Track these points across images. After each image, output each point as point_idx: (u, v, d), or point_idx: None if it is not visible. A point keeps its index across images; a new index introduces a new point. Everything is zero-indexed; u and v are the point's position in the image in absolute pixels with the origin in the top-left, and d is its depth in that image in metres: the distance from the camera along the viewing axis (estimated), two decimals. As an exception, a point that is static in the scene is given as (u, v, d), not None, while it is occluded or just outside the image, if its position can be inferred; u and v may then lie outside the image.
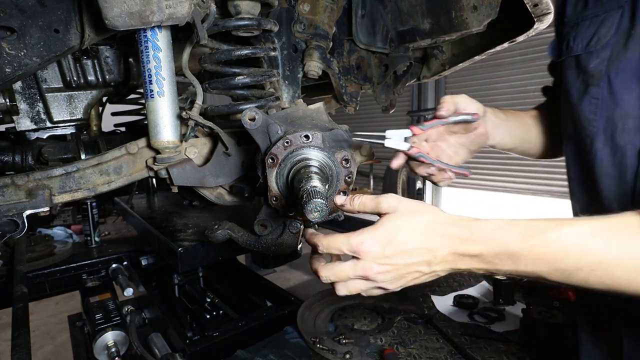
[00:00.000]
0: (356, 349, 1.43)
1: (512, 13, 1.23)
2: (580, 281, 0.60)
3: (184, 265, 1.48)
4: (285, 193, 0.88)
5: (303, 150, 0.86)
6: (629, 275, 0.57)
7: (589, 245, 0.59)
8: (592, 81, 0.86)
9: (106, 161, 1.10)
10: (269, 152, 0.86)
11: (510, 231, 0.63)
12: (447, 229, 0.67)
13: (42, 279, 1.99)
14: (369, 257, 0.68)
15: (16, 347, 1.18)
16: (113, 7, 0.82)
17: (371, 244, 0.68)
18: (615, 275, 0.58)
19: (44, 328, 3.81)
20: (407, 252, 0.67)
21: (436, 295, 1.86)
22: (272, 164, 0.86)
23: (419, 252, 0.67)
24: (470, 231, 0.66)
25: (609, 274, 0.58)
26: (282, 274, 4.95)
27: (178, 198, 2.22)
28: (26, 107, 1.46)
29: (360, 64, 1.51)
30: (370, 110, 8.14)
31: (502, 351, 1.42)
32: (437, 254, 0.67)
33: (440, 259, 0.67)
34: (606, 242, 0.58)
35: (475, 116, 1.00)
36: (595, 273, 0.58)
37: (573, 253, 0.59)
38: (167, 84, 1.00)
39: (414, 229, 0.68)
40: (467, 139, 1.08)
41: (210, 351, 1.47)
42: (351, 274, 0.70)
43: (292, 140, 0.85)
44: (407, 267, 0.68)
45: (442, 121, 0.98)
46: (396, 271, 0.68)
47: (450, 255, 0.67)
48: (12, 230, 1.01)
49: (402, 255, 0.67)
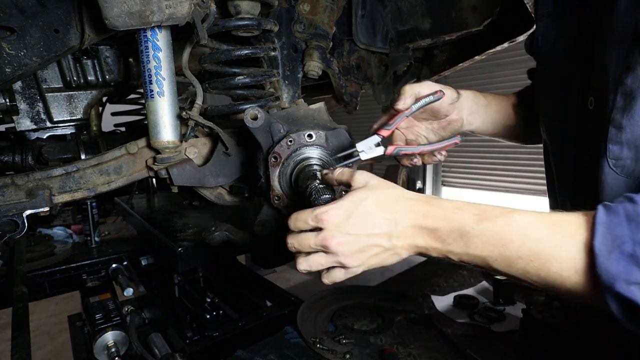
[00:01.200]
0: (356, 349, 1.43)
1: (512, 13, 1.24)
2: (519, 271, 0.60)
3: (184, 265, 1.48)
4: (288, 192, 0.88)
5: (306, 149, 0.86)
6: (563, 272, 0.56)
7: (531, 235, 0.59)
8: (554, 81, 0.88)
9: (106, 161, 1.10)
10: (272, 150, 0.86)
11: (467, 212, 0.64)
12: (411, 203, 0.69)
13: (42, 279, 1.99)
14: (332, 225, 0.68)
15: (16, 347, 1.18)
16: (113, 7, 0.82)
17: (335, 213, 0.68)
18: (552, 270, 0.57)
19: (44, 328, 3.81)
20: (370, 221, 0.67)
21: (436, 295, 1.86)
22: (275, 162, 0.86)
23: (381, 222, 0.67)
24: (431, 207, 0.67)
25: (546, 268, 0.57)
26: (282, 274, 4.95)
27: (178, 198, 2.22)
28: (26, 107, 1.46)
29: (360, 64, 1.51)
30: (371, 110, 8.15)
31: (502, 351, 1.42)
32: (398, 225, 0.67)
33: (400, 231, 0.67)
34: (548, 236, 0.58)
35: (437, 94, 0.93)
36: (533, 264, 0.58)
37: (516, 241, 0.59)
38: (167, 84, 1.00)
39: (378, 199, 0.69)
40: (439, 124, 1.04)
41: (210, 351, 1.47)
42: (313, 243, 0.69)
43: (295, 139, 0.85)
44: (367, 237, 0.68)
45: (405, 113, 0.93)
46: (356, 242, 0.68)
47: (410, 229, 0.67)
48: (12, 230, 1.01)
49: (365, 224, 0.67)
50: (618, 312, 0.53)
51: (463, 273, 2.12)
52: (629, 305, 0.51)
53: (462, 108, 1.04)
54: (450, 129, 1.05)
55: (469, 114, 1.05)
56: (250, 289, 2.00)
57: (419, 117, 1.04)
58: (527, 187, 6.43)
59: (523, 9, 1.10)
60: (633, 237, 0.51)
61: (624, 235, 0.52)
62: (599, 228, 0.54)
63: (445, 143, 0.98)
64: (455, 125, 1.04)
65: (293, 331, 1.58)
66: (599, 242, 0.53)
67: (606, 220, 0.54)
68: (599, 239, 0.53)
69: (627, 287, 0.50)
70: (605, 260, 0.52)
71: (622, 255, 0.51)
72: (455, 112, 1.02)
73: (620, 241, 0.51)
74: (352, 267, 0.71)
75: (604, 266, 0.52)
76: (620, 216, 0.53)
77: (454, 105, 1.01)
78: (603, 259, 0.52)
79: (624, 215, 0.53)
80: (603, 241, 0.53)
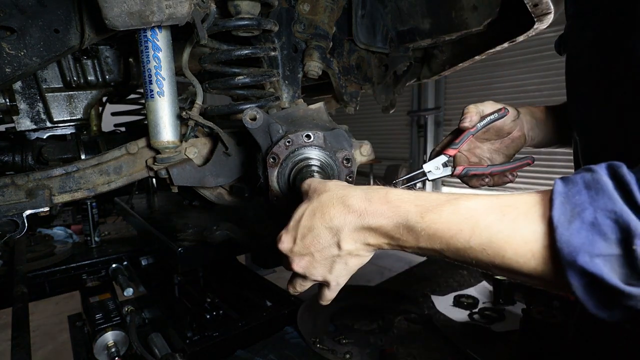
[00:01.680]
0: (356, 349, 1.43)
1: (512, 13, 1.23)
2: (473, 261, 0.55)
3: (184, 265, 1.47)
4: (287, 192, 0.88)
5: (305, 149, 0.86)
6: (519, 258, 0.51)
7: (481, 222, 0.53)
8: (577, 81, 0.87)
9: (106, 161, 1.10)
10: (270, 151, 0.86)
11: (410, 204, 0.59)
12: (346, 203, 0.63)
13: (42, 279, 1.99)
14: (287, 252, 0.68)
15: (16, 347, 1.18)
16: (113, 7, 0.82)
17: (285, 239, 0.68)
18: (506, 256, 0.51)
19: (44, 328, 3.80)
20: (314, 237, 0.64)
21: (436, 295, 1.86)
22: (274, 163, 0.86)
23: (324, 234, 0.64)
24: (370, 204, 0.62)
25: (500, 255, 0.52)
26: (282, 274, 4.94)
27: (178, 198, 2.22)
28: (26, 107, 1.46)
29: (360, 64, 1.51)
30: (371, 110, 8.15)
31: (502, 351, 1.42)
32: (340, 232, 0.63)
33: (345, 237, 0.63)
34: (499, 220, 0.52)
35: (501, 111, 0.94)
36: (486, 253, 0.53)
37: (465, 230, 0.54)
38: (167, 84, 1.00)
39: (313, 210, 0.65)
40: (501, 144, 1.03)
41: (210, 351, 1.47)
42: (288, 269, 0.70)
43: (293, 140, 0.85)
44: (320, 253, 0.65)
45: (470, 132, 0.93)
46: (314, 260, 0.66)
47: (354, 233, 0.63)
48: (12, 230, 1.01)
49: (312, 242, 0.65)
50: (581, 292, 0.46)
51: (463, 273, 2.12)
52: (593, 281, 0.45)
53: (524, 124, 1.03)
54: (514, 147, 1.03)
55: (529, 129, 1.04)
56: (250, 289, 2.00)
57: (481, 138, 1.02)
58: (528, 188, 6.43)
59: (523, 9, 1.09)
60: (593, 204, 0.46)
61: (583, 202, 0.47)
62: (557, 198, 0.49)
63: (517, 163, 0.96)
64: (519, 142, 1.03)
65: (293, 331, 1.58)
66: (558, 213, 0.47)
67: (564, 190, 0.49)
68: (557, 209, 0.48)
69: (590, 260, 0.44)
70: (565, 232, 0.46)
71: (582, 224, 0.46)
72: (517, 129, 1.01)
73: (580, 208, 0.47)
74: (330, 282, 0.69)
75: (564, 238, 0.46)
76: (578, 185, 0.49)
77: (516, 122, 1.00)
78: (563, 229, 0.46)
79: (582, 184, 0.48)
80: (562, 211, 0.47)
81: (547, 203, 0.50)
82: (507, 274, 0.54)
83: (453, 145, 0.94)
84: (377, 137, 8.80)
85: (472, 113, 0.94)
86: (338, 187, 0.67)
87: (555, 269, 0.48)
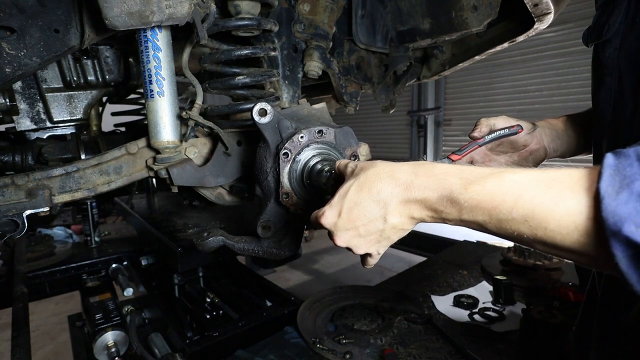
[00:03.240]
0: (356, 349, 1.43)
1: (512, 13, 1.24)
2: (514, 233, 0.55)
3: (184, 265, 1.48)
4: (298, 189, 0.88)
5: (317, 145, 0.87)
6: (562, 230, 0.50)
7: (525, 194, 0.53)
8: (606, 71, 0.84)
9: (106, 161, 1.10)
10: (282, 147, 0.86)
11: (455, 177, 0.60)
12: (394, 177, 0.65)
13: (42, 279, 1.99)
14: (331, 226, 0.69)
15: (16, 347, 1.18)
16: (113, 7, 0.82)
17: (329, 214, 0.69)
18: (549, 228, 0.51)
19: (44, 328, 3.80)
20: (360, 210, 0.66)
21: (436, 295, 1.86)
22: (286, 159, 0.86)
23: (371, 207, 0.66)
24: (416, 177, 0.64)
25: (542, 227, 0.51)
26: (282, 274, 4.95)
27: (178, 198, 2.22)
28: (26, 107, 1.46)
29: (360, 64, 1.51)
30: (371, 110, 8.15)
31: (502, 351, 1.42)
32: (387, 205, 0.65)
33: (391, 210, 0.65)
34: (543, 192, 0.52)
35: (514, 128, 0.94)
36: (528, 224, 0.53)
37: (508, 201, 0.54)
38: (167, 84, 1.00)
39: (361, 185, 0.67)
40: (519, 156, 1.03)
41: (210, 351, 1.47)
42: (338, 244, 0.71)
43: (306, 135, 0.86)
44: (365, 227, 0.67)
45: (477, 142, 0.94)
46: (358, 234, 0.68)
47: (400, 205, 0.65)
48: (12, 230, 1.01)
49: (358, 215, 0.67)
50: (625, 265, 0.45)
51: (463, 273, 2.12)
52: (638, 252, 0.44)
53: (542, 137, 1.02)
54: (533, 160, 1.03)
55: (550, 142, 1.03)
56: (250, 289, 2.00)
57: (497, 151, 1.04)
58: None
59: (523, 9, 1.09)
60: None
61: (634, 174, 0.45)
62: (606, 170, 0.47)
63: None
64: (538, 154, 1.03)
65: (293, 331, 1.58)
66: (606, 184, 0.46)
67: (615, 163, 0.48)
68: (605, 181, 0.47)
69: (636, 229, 0.43)
70: (612, 202, 0.45)
71: (631, 194, 0.44)
72: (534, 141, 1.01)
73: (630, 180, 0.45)
74: (372, 253, 0.71)
75: (610, 208, 0.45)
76: (630, 158, 0.47)
77: (532, 135, 1.00)
78: (610, 199, 0.45)
79: (634, 156, 0.47)
80: (610, 182, 0.46)
81: (594, 177, 0.49)
82: (549, 249, 0.54)
83: (458, 152, 0.96)
84: (377, 137, 8.80)
85: (483, 125, 0.96)
86: (385, 163, 0.69)
87: (598, 241, 0.47)
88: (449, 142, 7.78)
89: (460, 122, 7.49)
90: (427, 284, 2.00)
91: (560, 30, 5.60)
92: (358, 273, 4.86)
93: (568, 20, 5.25)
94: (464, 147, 0.95)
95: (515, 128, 0.95)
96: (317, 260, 5.42)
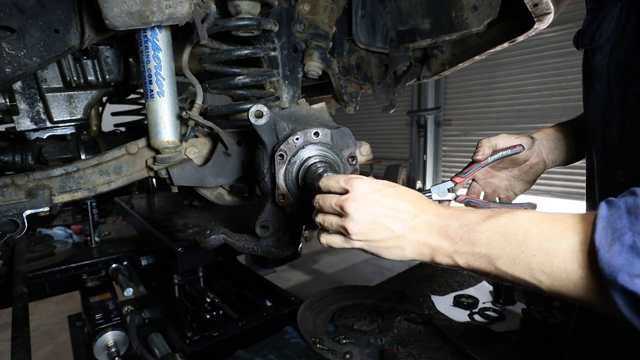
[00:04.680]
0: (356, 349, 1.43)
1: (512, 13, 1.23)
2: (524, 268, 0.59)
3: (184, 265, 1.48)
4: (294, 190, 0.88)
5: (313, 146, 0.87)
6: (567, 266, 0.55)
7: (534, 229, 0.59)
8: (595, 77, 0.85)
9: (106, 161, 1.10)
10: (278, 148, 0.86)
11: (476, 213, 0.67)
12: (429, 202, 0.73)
13: (42, 279, 1.99)
14: (358, 191, 0.70)
15: (16, 347, 1.18)
16: (113, 7, 0.82)
17: (367, 183, 0.71)
18: (555, 264, 0.56)
19: (44, 328, 3.80)
20: (395, 201, 0.70)
21: (436, 295, 1.86)
22: (282, 160, 0.86)
23: (405, 207, 0.70)
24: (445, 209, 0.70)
25: (549, 262, 0.56)
26: (282, 274, 4.95)
27: (178, 198, 2.22)
28: (26, 107, 1.46)
29: (360, 64, 1.51)
30: (371, 110, 8.15)
31: (502, 351, 1.42)
32: (416, 217, 0.69)
33: (416, 224, 0.69)
34: (549, 228, 0.58)
35: (516, 148, 0.98)
36: (537, 259, 0.57)
37: (519, 235, 0.59)
38: (167, 84, 1.00)
39: (403, 192, 0.73)
40: (520, 170, 1.06)
41: (210, 351, 1.47)
42: (334, 203, 0.72)
43: (302, 137, 0.85)
44: (385, 216, 0.69)
45: (480, 164, 0.98)
46: (373, 214, 0.69)
47: (426, 224, 0.69)
48: (12, 230, 1.01)
49: (390, 202, 0.70)
50: (627, 311, 0.50)
51: (463, 273, 2.12)
52: (635, 300, 0.49)
53: (541, 149, 1.05)
54: (533, 173, 1.06)
55: (548, 153, 1.06)
56: (250, 289, 2.00)
57: (498, 167, 1.06)
58: (527, 187, 6.43)
59: (523, 9, 1.09)
60: (632, 228, 0.50)
61: (623, 227, 0.51)
62: (600, 222, 0.53)
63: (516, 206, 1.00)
64: (538, 167, 1.06)
65: (293, 331, 1.58)
66: (600, 236, 0.52)
67: (607, 214, 0.53)
68: (599, 233, 0.52)
69: (630, 280, 0.48)
70: (605, 254, 0.50)
71: (622, 247, 0.50)
72: (534, 155, 1.04)
73: (620, 233, 0.50)
74: (353, 234, 0.71)
75: (605, 259, 0.50)
76: (620, 210, 0.52)
77: (531, 150, 1.02)
78: (604, 252, 0.50)
79: (624, 208, 0.52)
80: (604, 235, 0.52)
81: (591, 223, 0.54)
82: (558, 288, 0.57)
83: (461, 174, 1.00)
84: (377, 137, 8.80)
85: (485, 147, 0.98)
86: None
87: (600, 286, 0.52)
88: (448, 142, 7.79)
89: (460, 122, 7.49)
90: (427, 284, 2.00)
91: (560, 30, 5.60)
92: (358, 273, 4.87)
93: (568, 20, 5.26)
94: (467, 170, 0.99)
95: (517, 148, 0.98)
96: (317, 260, 5.42)
